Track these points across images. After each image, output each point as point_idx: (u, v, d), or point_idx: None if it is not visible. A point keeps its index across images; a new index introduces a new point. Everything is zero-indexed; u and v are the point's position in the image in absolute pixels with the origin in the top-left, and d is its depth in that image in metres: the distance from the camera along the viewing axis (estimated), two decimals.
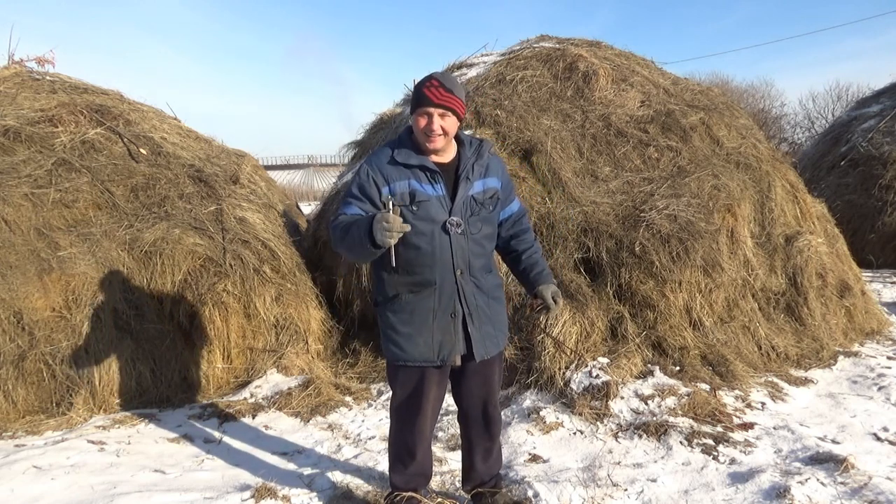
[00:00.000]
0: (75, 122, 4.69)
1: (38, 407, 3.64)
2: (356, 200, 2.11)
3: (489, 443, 2.44)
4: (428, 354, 2.15)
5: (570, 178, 4.65)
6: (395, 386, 2.30)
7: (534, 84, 5.42)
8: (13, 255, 3.77)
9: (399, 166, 2.10)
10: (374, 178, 2.09)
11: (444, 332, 2.15)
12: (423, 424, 2.28)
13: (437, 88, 2.03)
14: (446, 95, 2.04)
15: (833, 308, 4.77)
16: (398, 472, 2.38)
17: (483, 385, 2.33)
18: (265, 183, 5.78)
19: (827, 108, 23.05)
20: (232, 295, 4.17)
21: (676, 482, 2.73)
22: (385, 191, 2.08)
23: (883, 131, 9.15)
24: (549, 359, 3.77)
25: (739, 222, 4.61)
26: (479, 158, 2.20)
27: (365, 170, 2.12)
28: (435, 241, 2.10)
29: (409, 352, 2.16)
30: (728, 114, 5.69)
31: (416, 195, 2.07)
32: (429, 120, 2.04)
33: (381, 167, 2.11)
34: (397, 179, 2.09)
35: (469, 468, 2.50)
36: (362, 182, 2.10)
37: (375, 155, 2.17)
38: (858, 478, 2.62)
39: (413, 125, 2.11)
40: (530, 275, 2.37)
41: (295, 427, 3.51)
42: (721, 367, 3.88)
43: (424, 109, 2.04)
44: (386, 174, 2.10)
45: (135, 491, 2.63)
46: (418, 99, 2.06)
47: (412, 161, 2.10)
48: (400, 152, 2.11)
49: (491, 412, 2.38)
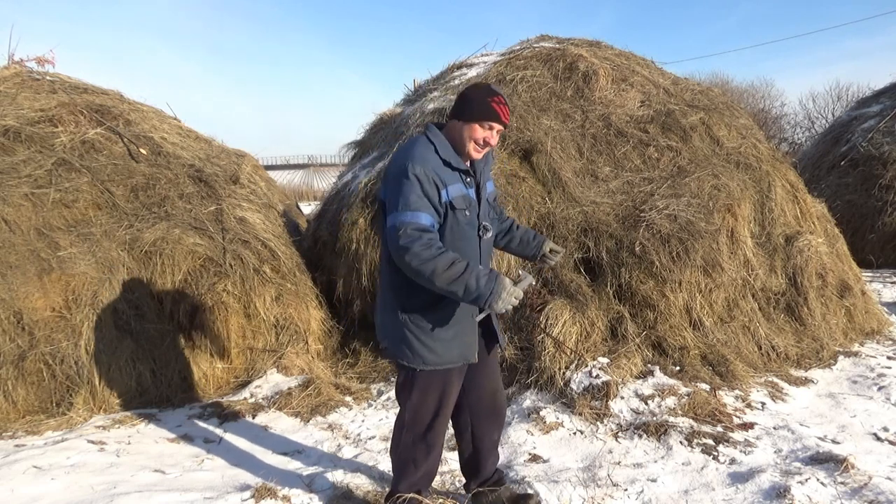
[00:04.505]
0: (75, 122, 4.69)
1: (38, 407, 3.64)
2: (424, 205, 1.99)
3: (497, 432, 2.50)
4: (458, 357, 2.19)
5: (570, 178, 4.65)
6: (411, 390, 2.22)
7: (534, 84, 5.42)
8: (13, 255, 3.77)
9: (447, 169, 2.08)
10: (434, 179, 2.02)
11: (471, 334, 2.22)
12: (442, 424, 2.28)
13: (505, 106, 2.10)
14: (509, 114, 2.13)
15: (833, 308, 4.77)
16: (407, 475, 2.32)
17: (493, 375, 2.43)
18: (265, 183, 5.78)
19: (827, 108, 23.09)
20: (232, 295, 4.17)
21: (676, 482, 2.73)
22: (444, 194, 2.04)
23: (883, 131, 9.14)
24: (549, 359, 3.77)
25: (739, 222, 4.61)
26: (487, 163, 2.28)
27: (421, 171, 2.00)
28: (473, 245, 2.16)
29: (443, 355, 2.15)
30: (728, 114, 5.69)
31: (469, 200, 2.13)
32: (490, 134, 2.10)
33: (437, 169, 2.05)
34: (450, 183, 2.07)
35: (477, 464, 2.48)
36: (424, 185, 1.99)
37: (419, 156, 2.03)
38: (858, 478, 2.63)
39: (461, 132, 2.10)
40: (531, 239, 2.49)
41: (295, 427, 3.51)
42: (721, 367, 3.88)
43: (490, 124, 2.09)
44: (442, 177, 2.05)
45: (135, 491, 2.63)
46: (485, 112, 2.08)
47: (460, 165, 2.12)
48: (448, 154, 2.09)
49: (501, 401, 2.47)
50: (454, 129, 2.13)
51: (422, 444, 2.28)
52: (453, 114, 2.15)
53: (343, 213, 5.06)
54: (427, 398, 2.22)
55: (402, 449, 2.31)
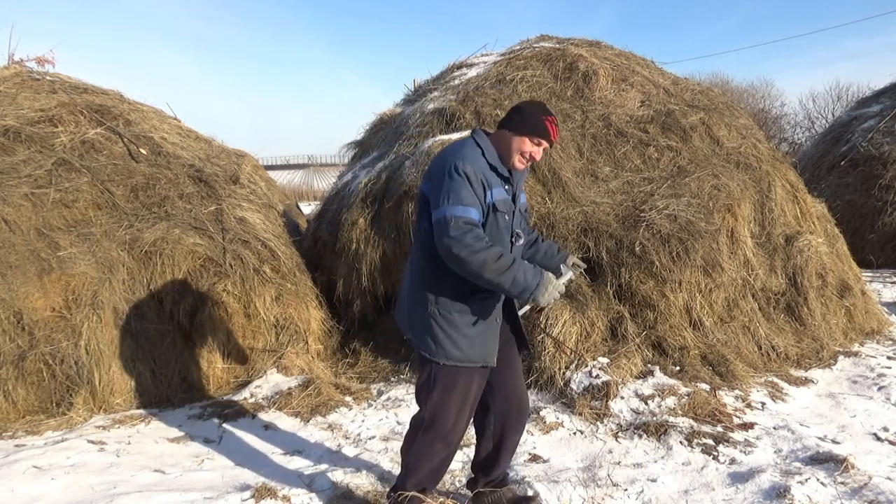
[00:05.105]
0: (75, 122, 4.69)
1: (38, 407, 3.64)
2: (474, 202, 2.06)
3: (519, 434, 2.51)
4: (480, 358, 2.21)
5: (570, 178, 4.65)
6: (434, 387, 2.23)
7: (534, 84, 5.42)
8: (13, 255, 3.77)
9: (494, 172, 2.16)
10: (482, 180, 2.10)
11: (495, 336, 2.26)
12: (463, 424, 2.29)
13: (556, 127, 2.21)
14: (557, 134, 2.23)
15: (833, 308, 4.77)
16: (417, 473, 2.32)
17: (520, 377, 2.47)
18: (265, 183, 5.78)
19: (827, 108, 23.08)
20: (232, 295, 4.17)
21: (676, 482, 2.73)
22: (489, 195, 2.12)
23: (883, 131, 9.14)
24: (549, 359, 3.77)
25: (739, 222, 4.61)
26: (522, 176, 2.33)
27: (471, 170, 2.07)
28: (506, 249, 2.20)
29: (467, 353, 2.18)
30: (728, 114, 5.69)
31: (508, 204, 2.19)
32: (537, 151, 2.20)
33: (483, 171, 2.12)
34: (495, 186, 2.15)
35: (493, 463, 2.48)
36: (473, 183, 2.07)
37: (468, 156, 2.11)
38: (858, 478, 2.63)
39: (510, 143, 2.18)
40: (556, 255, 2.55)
41: (295, 427, 3.51)
42: (721, 367, 3.88)
43: (540, 141, 2.19)
44: (488, 179, 2.12)
45: (135, 491, 2.63)
46: (538, 129, 2.17)
47: (503, 171, 2.20)
48: (494, 159, 2.18)
49: (527, 402, 2.49)
50: (504, 138, 2.20)
51: (440, 444, 2.28)
52: (504, 124, 2.23)
53: (343, 213, 5.06)
54: (450, 397, 2.23)
55: (419, 447, 2.30)
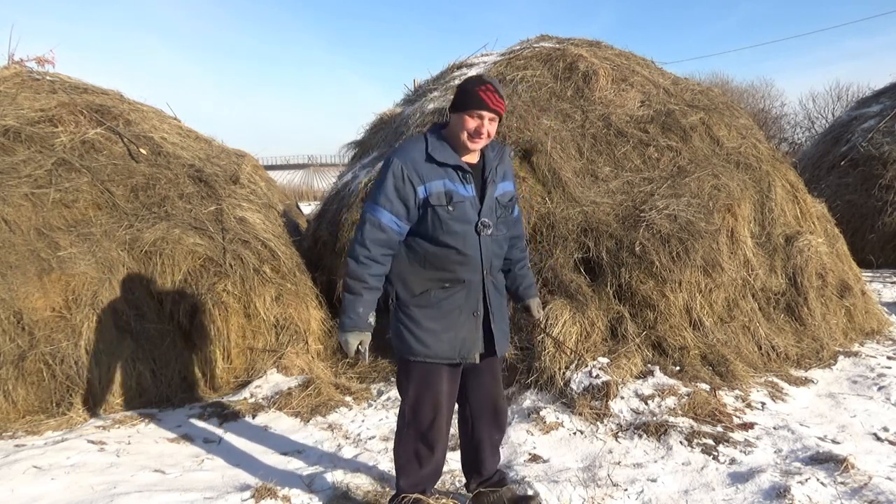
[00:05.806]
0: (75, 122, 4.69)
1: (38, 407, 3.64)
2: (388, 204, 2.06)
3: (499, 434, 2.49)
4: (450, 352, 2.18)
5: (570, 178, 4.65)
6: (408, 385, 2.25)
7: (534, 84, 5.42)
8: (13, 255, 3.77)
9: (434, 164, 2.10)
10: (409, 177, 2.07)
11: (468, 331, 2.20)
12: (442, 421, 2.27)
13: (493, 93, 2.08)
14: (500, 101, 2.10)
15: (833, 308, 4.77)
16: (409, 474, 2.32)
17: (493, 381, 2.40)
18: (265, 183, 5.78)
19: (827, 108, 23.09)
20: (232, 295, 4.17)
21: (676, 482, 2.73)
22: (421, 190, 2.07)
23: (883, 131, 9.14)
24: (549, 359, 3.77)
25: (739, 222, 4.61)
26: (501, 161, 2.27)
27: (399, 167, 2.07)
28: (468, 242, 2.14)
29: (432, 348, 2.16)
30: (728, 114, 5.68)
31: (452, 196, 2.11)
32: (480, 123, 2.09)
33: (416, 165, 2.08)
34: (432, 179, 2.09)
35: (477, 464, 2.48)
36: (397, 182, 2.06)
37: (406, 151, 2.12)
38: (858, 478, 2.62)
39: (456, 124, 2.12)
40: (520, 287, 2.51)
41: (295, 427, 3.51)
42: (721, 367, 3.88)
43: (478, 112, 2.08)
44: (421, 173, 2.08)
45: (135, 491, 2.63)
46: (472, 101, 2.08)
47: (450, 160, 2.12)
48: (436, 150, 2.11)
49: (502, 405, 2.45)
50: (452, 122, 2.16)
51: (423, 443, 2.28)
52: (450, 107, 2.19)
53: (343, 213, 5.06)
54: (424, 393, 2.23)
55: (404, 445, 2.31)
